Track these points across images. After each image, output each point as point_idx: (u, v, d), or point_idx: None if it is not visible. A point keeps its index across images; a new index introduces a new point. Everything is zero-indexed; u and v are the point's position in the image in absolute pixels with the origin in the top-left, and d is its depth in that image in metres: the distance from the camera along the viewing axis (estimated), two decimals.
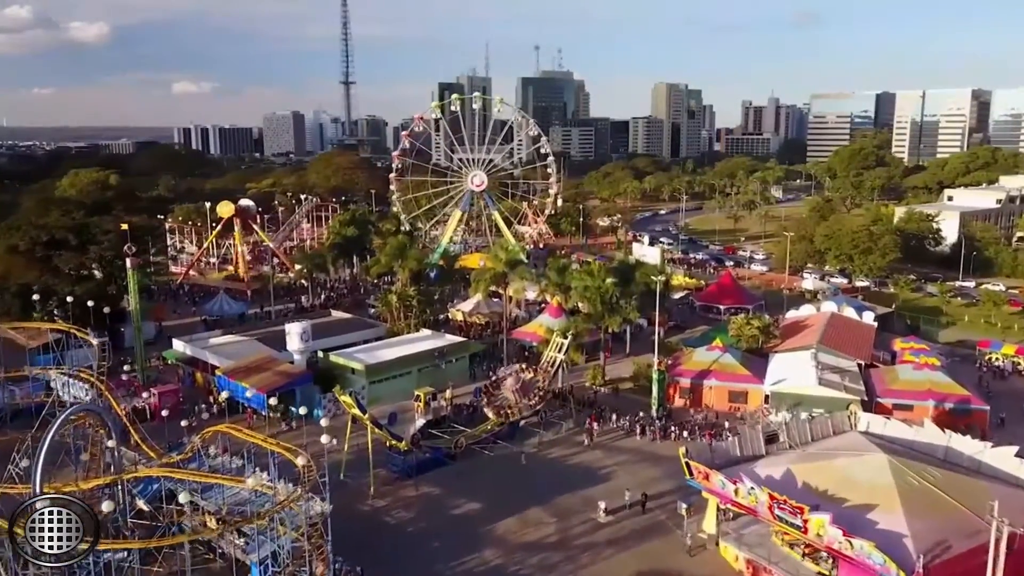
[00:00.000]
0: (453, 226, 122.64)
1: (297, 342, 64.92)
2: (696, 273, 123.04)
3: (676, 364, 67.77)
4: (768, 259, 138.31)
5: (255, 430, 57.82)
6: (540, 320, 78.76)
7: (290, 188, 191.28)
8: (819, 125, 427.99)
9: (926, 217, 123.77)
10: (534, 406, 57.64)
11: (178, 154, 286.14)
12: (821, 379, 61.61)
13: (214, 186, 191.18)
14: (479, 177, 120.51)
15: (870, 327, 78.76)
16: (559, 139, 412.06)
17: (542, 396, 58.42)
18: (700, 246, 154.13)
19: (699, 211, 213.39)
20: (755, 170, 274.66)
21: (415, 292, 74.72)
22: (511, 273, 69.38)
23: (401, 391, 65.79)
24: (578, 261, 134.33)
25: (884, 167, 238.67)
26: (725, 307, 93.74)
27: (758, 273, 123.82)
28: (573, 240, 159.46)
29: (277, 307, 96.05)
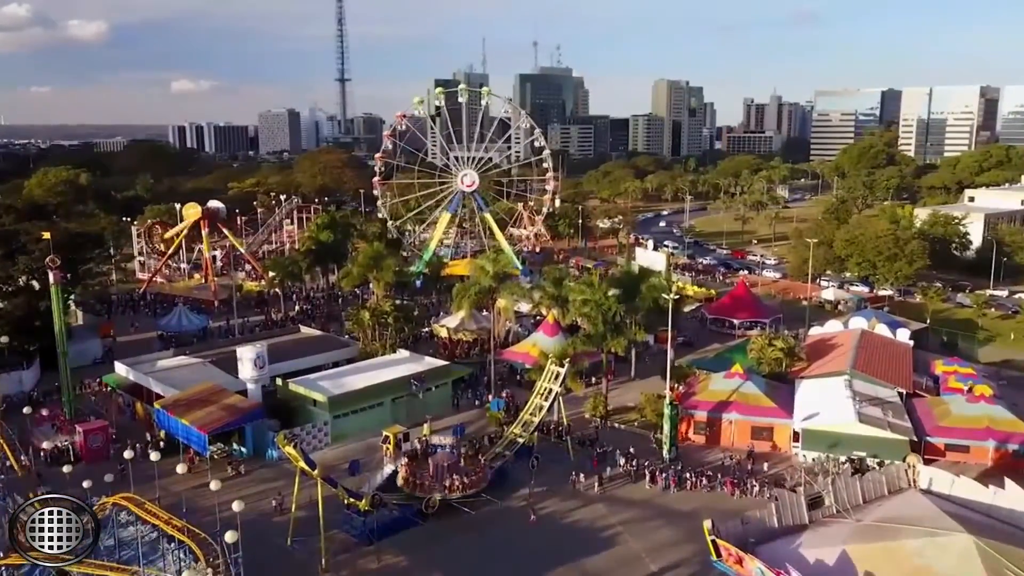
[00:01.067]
0: (441, 230, 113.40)
1: (250, 369, 55.85)
2: (704, 280, 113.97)
3: (690, 393, 58.73)
4: (780, 264, 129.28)
5: (196, 475, 49.28)
6: (534, 339, 69.70)
7: (274, 188, 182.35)
8: (823, 123, 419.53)
9: (953, 220, 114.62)
10: (460, 488, 45.97)
11: (164, 152, 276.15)
12: (861, 414, 52.58)
13: (195, 186, 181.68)
14: (470, 177, 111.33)
15: (906, 347, 69.70)
16: (558, 137, 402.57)
17: (475, 479, 46.84)
18: (707, 250, 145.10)
19: (703, 212, 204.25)
20: (759, 169, 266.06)
21: (391, 308, 65.51)
22: (500, 288, 60.27)
23: (371, 426, 56.77)
24: (576, 266, 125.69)
25: (895, 166, 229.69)
26: (739, 321, 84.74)
27: (771, 280, 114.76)
28: (572, 243, 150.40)
29: (243, 320, 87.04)
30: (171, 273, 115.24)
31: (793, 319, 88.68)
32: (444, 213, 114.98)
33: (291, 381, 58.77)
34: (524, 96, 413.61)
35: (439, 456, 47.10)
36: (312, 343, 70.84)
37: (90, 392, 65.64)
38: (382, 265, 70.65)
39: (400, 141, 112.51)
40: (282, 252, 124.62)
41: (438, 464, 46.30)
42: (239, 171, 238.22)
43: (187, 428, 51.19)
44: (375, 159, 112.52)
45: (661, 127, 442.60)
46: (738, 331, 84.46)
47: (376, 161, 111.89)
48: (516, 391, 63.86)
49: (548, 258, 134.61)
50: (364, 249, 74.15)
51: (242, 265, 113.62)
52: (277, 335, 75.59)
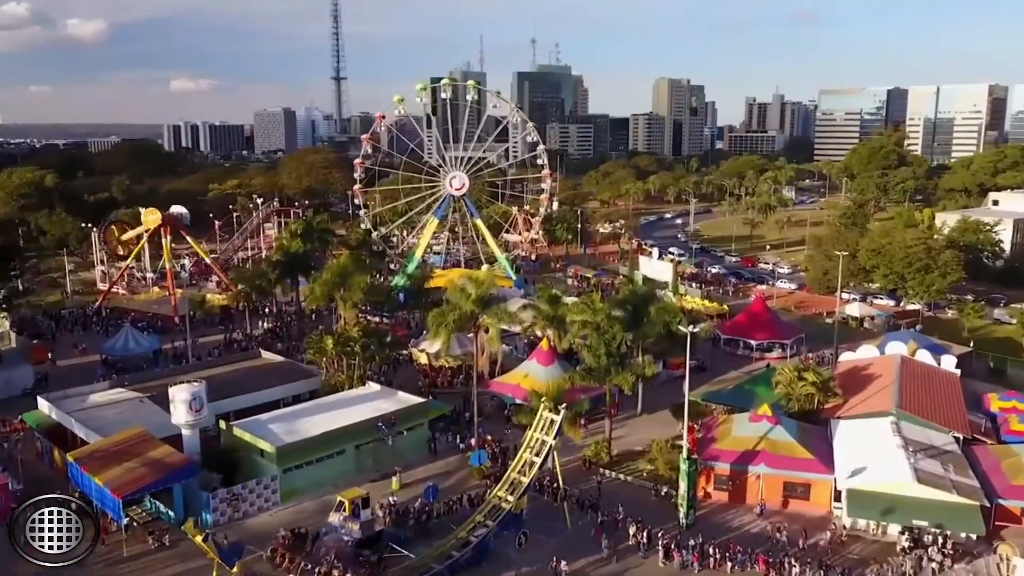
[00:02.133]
0: (428, 237, 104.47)
1: (183, 413, 46.62)
2: (713, 292, 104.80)
3: (709, 439, 49.67)
4: (795, 273, 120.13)
5: (109, 546, 40.29)
6: (525, 368, 60.60)
7: (257, 189, 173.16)
8: (827, 122, 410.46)
9: (985, 227, 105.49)
10: None
11: (151, 151, 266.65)
12: (918, 471, 43.46)
13: (174, 188, 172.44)
14: (459, 179, 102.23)
15: (953, 378, 60.63)
16: (556, 137, 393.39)
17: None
18: (714, 256, 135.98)
19: (708, 214, 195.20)
20: (765, 169, 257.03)
21: (359, 334, 56.30)
22: (484, 313, 51.02)
23: (330, 478, 47.72)
24: (575, 276, 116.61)
25: (907, 167, 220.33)
26: (757, 343, 75.66)
27: (786, 291, 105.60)
28: (570, 249, 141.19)
29: (196, 341, 77.93)
30: (136, 285, 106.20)
31: (816, 339, 79.68)
32: (431, 219, 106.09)
33: (236, 424, 49.59)
34: (522, 95, 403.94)
35: (326, 544, 38.13)
36: (271, 372, 61.65)
37: (10, 431, 56.42)
38: (350, 282, 61.32)
39: (383, 143, 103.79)
40: (259, 260, 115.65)
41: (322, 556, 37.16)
42: (225, 171, 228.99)
43: (100, 489, 42.04)
44: (355, 164, 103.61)
45: (662, 126, 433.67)
46: (755, 353, 75.47)
47: (356, 168, 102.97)
48: (505, 431, 54.91)
49: (545, 266, 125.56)
50: (330, 264, 64.80)
51: (212, 275, 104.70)
52: (235, 360, 66.50)
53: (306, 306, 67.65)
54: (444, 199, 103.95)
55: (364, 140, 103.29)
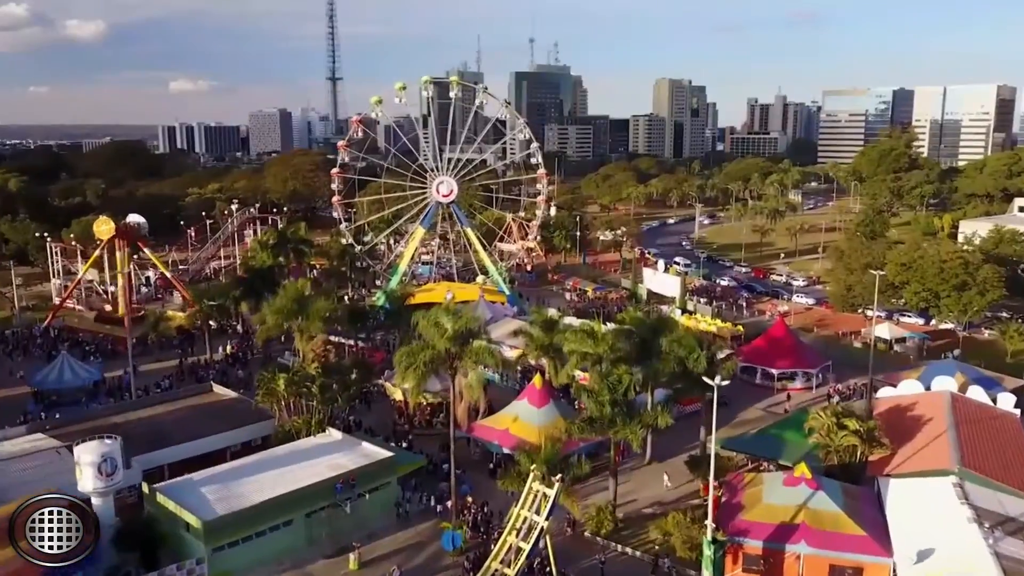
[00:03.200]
0: (413, 248, 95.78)
1: (92, 478, 37.80)
2: (724, 310, 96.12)
3: (734, 505, 40.97)
4: (811, 285, 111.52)
5: None
6: (515, 410, 51.93)
7: (239, 193, 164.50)
8: (831, 124, 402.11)
9: (1022, 236, 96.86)
10: None
11: (137, 153, 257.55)
12: (1002, 559, 34.76)
13: (150, 192, 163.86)
14: (447, 184, 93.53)
15: (1015, 423, 51.94)
16: (555, 138, 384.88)
17: None
18: (723, 266, 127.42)
19: (713, 220, 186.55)
20: (770, 172, 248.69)
21: (318, 373, 47.57)
22: (463, 353, 42.00)
23: (274, 556, 39.08)
24: (574, 289, 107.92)
25: (918, 170, 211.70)
26: (779, 372, 67.01)
27: (803, 307, 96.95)
28: (568, 258, 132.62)
29: (156, 366, 69.32)
30: (94, 300, 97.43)
31: (842, 365, 71.09)
32: (418, 228, 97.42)
33: (161, 488, 40.86)
34: (520, 95, 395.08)
35: None
36: (220, 413, 52.91)
37: None
38: (308, 310, 52.45)
39: (360, 150, 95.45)
40: (235, 271, 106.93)
41: None
42: (211, 174, 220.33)
43: None
44: (331, 175, 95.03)
45: (663, 128, 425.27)
46: (777, 383, 66.86)
47: (333, 178, 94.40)
48: (491, 485, 46.24)
49: (542, 277, 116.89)
50: (283, 290, 55.69)
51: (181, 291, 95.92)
52: (182, 396, 57.76)
53: (259, 337, 58.37)
54: (431, 206, 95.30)
55: (341, 147, 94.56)
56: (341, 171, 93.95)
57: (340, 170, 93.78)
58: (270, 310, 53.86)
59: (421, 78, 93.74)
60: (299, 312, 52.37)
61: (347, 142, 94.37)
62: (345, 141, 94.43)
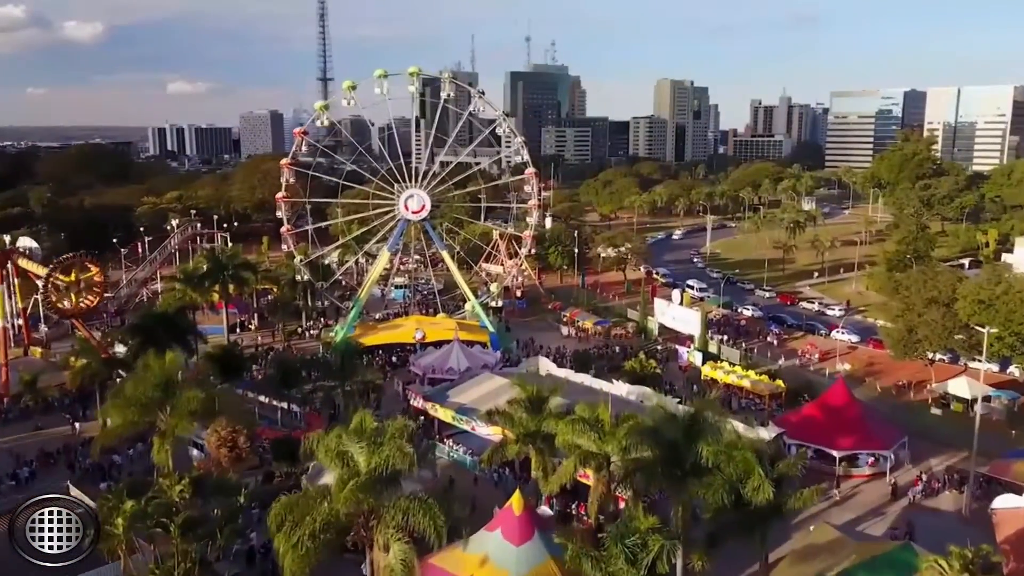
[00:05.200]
0: (376, 276, 79.46)
1: None
2: (749, 345, 79.84)
3: None
4: (848, 312, 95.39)
5: None
6: (482, 546, 35.25)
7: (200, 202, 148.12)
8: (840, 126, 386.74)
9: None
10: None
11: (101, 156, 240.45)
12: None
13: (98, 202, 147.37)
14: (416, 199, 77.24)
15: None
16: (552, 141, 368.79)
17: None
18: (742, 290, 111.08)
19: (724, 230, 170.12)
20: (780, 178, 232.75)
21: (183, 498, 31.20)
22: (380, 509, 24.83)
23: None
24: (570, 322, 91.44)
25: (944, 176, 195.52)
26: (840, 454, 50.67)
27: (846, 345, 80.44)
28: (565, 278, 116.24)
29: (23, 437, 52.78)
30: None
31: (915, 434, 54.86)
32: (383, 252, 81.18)
33: None
34: (515, 96, 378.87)
35: None
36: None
37: None
38: (175, 403, 35.58)
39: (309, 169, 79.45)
40: None
41: None
42: (179, 180, 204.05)
43: None
44: (276, 199, 78.76)
45: (664, 130, 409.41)
46: (838, 469, 50.57)
47: (278, 203, 78.12)
48: None
49: (534, 304, 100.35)
50: (140, 371, 38.90)
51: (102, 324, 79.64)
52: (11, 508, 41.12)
53: (98, 445, 40.78)
54: (398, 224, 79.00)
55: (284, 166, 78.15)
56: (288, 194, 77.88)
57: (287, 192, 77.70)
58: (115, 404, 36.92)
59: (408, 69, 77.02)
60: (163, 402, 35.69)
61: (291, 160, 78.04)
62: (289, 159, 78.07)
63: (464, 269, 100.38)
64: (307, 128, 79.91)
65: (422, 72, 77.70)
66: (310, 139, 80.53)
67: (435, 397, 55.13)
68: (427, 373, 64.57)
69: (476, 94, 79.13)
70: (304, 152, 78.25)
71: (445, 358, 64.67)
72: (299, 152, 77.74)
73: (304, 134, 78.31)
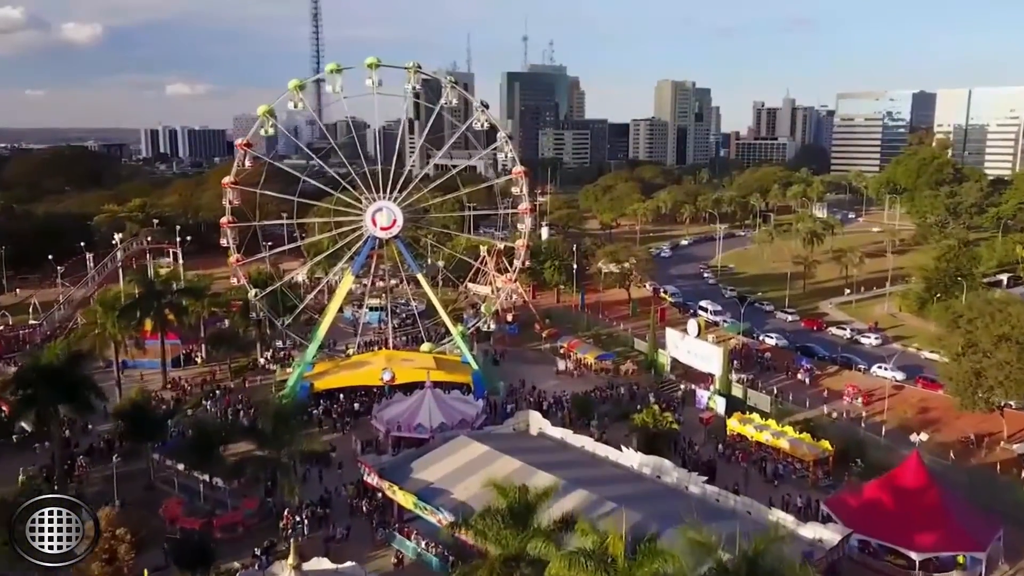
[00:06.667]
0: (337, 304, 67.28)
1: None
2: (782, 395, 67.73)
3: None
4: (885, 343, 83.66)
5: None
6: None
7: (165, 210, 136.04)
8: (846, 129, 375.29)
9: None
10: None
11: (73, 159, 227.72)
12: None
13: (50, 210, 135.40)
14: (386, 213, 65.19)
15: None
16: (550, 144, 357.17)
17: None
18: (759, 310, 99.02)
19: (732, 239, 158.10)
20: (790, 182, 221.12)
21: None
22: None
23: None
24: (568, 354, 79.41)
25: (964, 181, 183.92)
26: (921, 556, 38.76)
27: (890, 384, 68.21)
28: (563, 297, 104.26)
29: None
30: None
31: (1010, 522, 42.80)
32: (346, 274, 69.20)
33: None
34: (512, 97, 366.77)
35: None
36: None
37: None
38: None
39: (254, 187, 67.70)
40: None
41: None
42: (151, 185, 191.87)
43: None
44: (221, 224, 66.83)
45: (665, 132, 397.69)
46: (918, 574, 38.63)
47: (223, 229, 66.22)
48: None
49: (526, 330, 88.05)
50: None
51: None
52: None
53: None
54: (365, 243, 67.02)
55: (225, 186, 66.13)
56: (233, 219, 66.14)
57: (232, 218, 65.96)
58: None
59: (407, 63, 65.08)
60: None
61: (235, 177, 66.04)
62: (233, 176, 66.03)
63: (450, 287, 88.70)
64: (250, 140, 67.68)
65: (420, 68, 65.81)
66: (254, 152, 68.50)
67: (393, 473, 43.14)
68: (391, 430, 52.72)
69: (479, 107, 66.70)
70: (248, 167, 66.18)
71: (415, 411, 52.75)
72: (242, 167, 65.67)
73: (247, 147, 66.16)
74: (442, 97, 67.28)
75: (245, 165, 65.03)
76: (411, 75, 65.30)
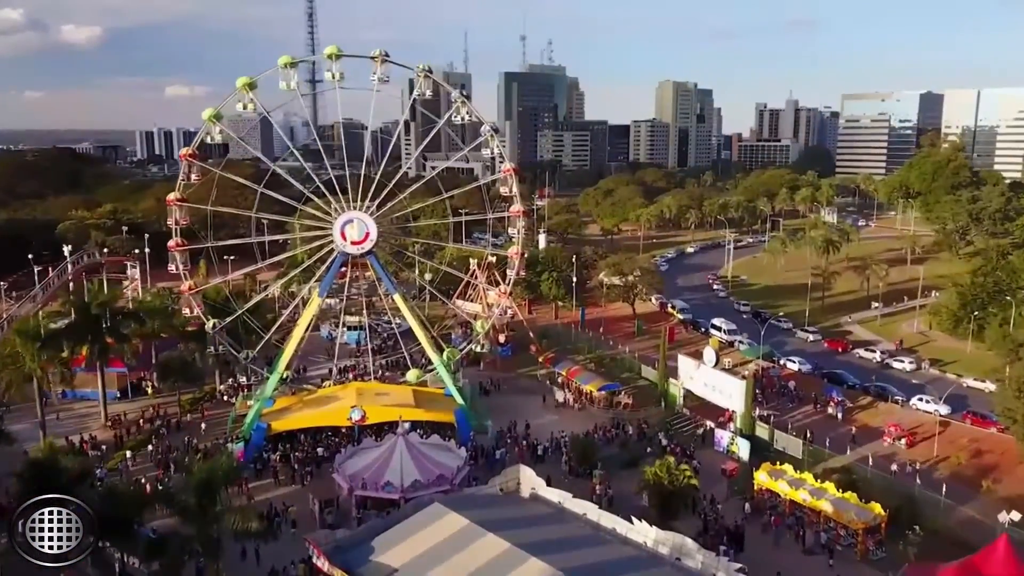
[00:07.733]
0: (303, 328, 58.52)
1: None
2: (813, 436, 59.12)
3: None
4: (918, 367, 75.15)
5: None
6: None
7: (137, 216, 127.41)
8: (852, 131, 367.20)
9: None
10: None
11: (58, 163, 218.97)
12: None
13: (11, 217, 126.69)
14: (358, 226, 56.62)
15: None
16: (549, 145, 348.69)
17: None
18: (777, 327, 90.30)
19: (746, 248, 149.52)
20: (797, 186, 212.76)
21: None
22: None
23: None
24: (567, 383, 70.90)
25: (983, 185, 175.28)
26: None
27: (933, 419, 59.57)
28: (561, 313, 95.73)
29: None
30: None
31: None
32: (313, 295, 60.59)
33: None
34: (510, 98, 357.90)
35: None
36: None
37: None
38: None
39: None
40: None
41: None
42: (130, 188, 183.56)
43: None
44: (168, 247, 58.02)
45: (666, 134, 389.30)
46: None
47: (171, 252, 57.46)
48: None
49: (520, 352, 79.33)
50: None
51: None
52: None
53: None
54: (334, 260, 58.42)
55: (170, 203, 57.27)
56: (182, 241, 57.55)
57: (181, 240, 57.37)
58: None
59: (417, 64, 56.83)
60: None
61: (180, 194, 57.30)
62: (178, 194, 57.25)
63: (439, 303, 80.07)
64: (194, 150, 58.94)
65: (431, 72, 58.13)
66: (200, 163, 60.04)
67: (348, 555, 34.52)
68: (355, 487, 44.14)
69: (457, 99, 58.03)
70: (193, 181, 57.61)
71: (383, 464, 44.19)
72: (187, 181, 57.12)
73: (192, 157, 57.49)
74: (416, 91, 58.91)
75: (191, 179, 56.28)
76: (420, 78, 57.31)
